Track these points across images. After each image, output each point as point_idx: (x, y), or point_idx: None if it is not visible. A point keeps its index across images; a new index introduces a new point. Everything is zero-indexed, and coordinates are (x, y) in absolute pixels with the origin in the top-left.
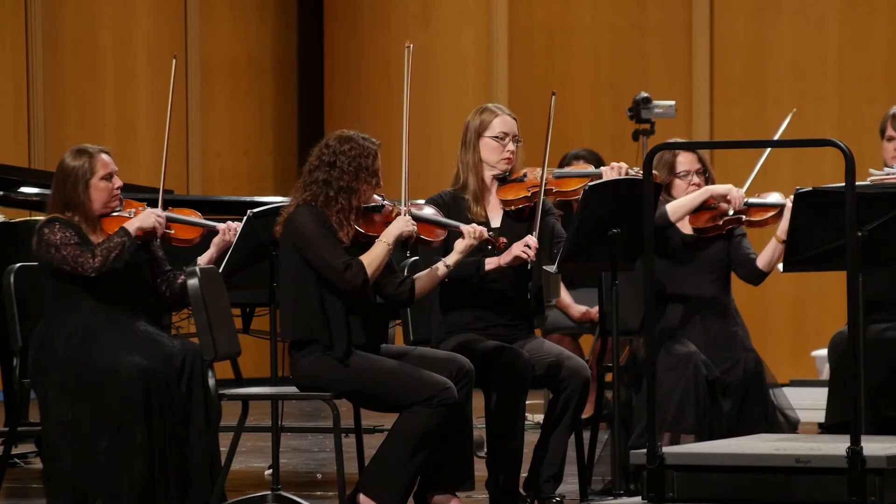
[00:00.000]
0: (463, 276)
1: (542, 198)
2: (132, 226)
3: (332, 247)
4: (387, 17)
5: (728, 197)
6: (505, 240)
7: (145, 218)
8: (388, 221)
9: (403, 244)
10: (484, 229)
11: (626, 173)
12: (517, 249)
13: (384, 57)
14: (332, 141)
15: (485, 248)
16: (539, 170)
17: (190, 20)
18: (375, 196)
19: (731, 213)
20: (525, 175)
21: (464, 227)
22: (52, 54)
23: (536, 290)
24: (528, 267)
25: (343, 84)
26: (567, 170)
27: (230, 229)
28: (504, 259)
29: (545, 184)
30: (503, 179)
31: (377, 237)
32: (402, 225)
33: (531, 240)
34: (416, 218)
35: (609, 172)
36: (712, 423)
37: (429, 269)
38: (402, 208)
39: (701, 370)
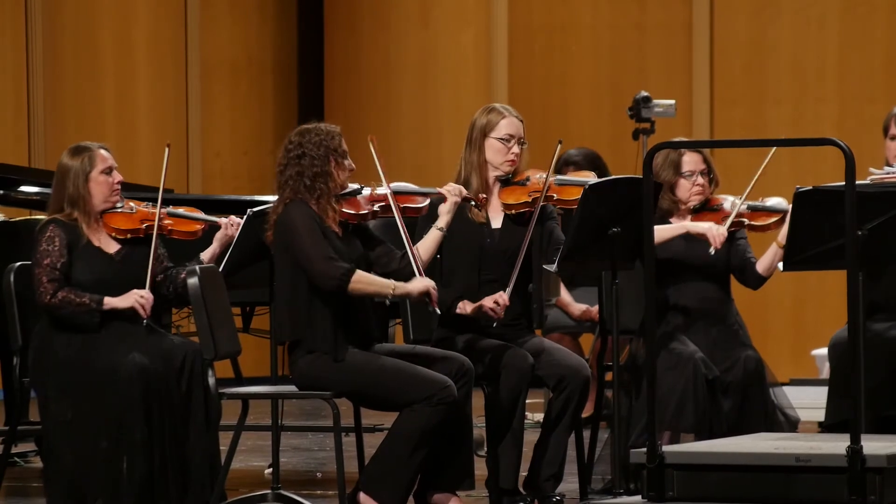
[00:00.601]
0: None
1: (534, 220)
2: (110, 303)
3: (318, 238)
4: (387, 17)
5: (707, 236)
6: (484, 196)
7: (125, 299)
8: (372, 200)
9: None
10: (461, 187)
11: None
12: (486, 306)
13: (384, 57)
14: (294, 137)
15: (471, 218)
16: (541, 174)
17: (190, 20)
18: (352, 185)
19: (711, 252)
20: (528, 179)
21: (442, 189)
22: (52, 54)
23: (538, 298)
24: (493, 325)
25: (343, 84)
26: (569, 177)
27: (232, 223)
28: (473, 311)
29: (547, 189)
30: (506, 181)
31: (365, 214)
32: (420, 284)
33: (501, 297)
34: (395, 191)
35: None
36: (712, 422)
37: (424, 238)
38: (383, 189)
39: (700, 369)
